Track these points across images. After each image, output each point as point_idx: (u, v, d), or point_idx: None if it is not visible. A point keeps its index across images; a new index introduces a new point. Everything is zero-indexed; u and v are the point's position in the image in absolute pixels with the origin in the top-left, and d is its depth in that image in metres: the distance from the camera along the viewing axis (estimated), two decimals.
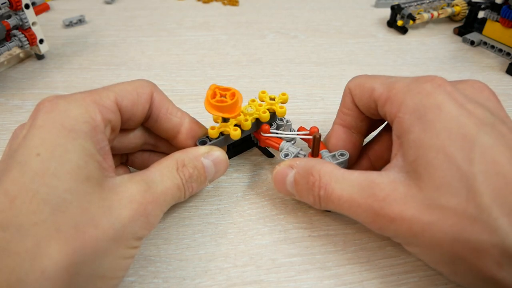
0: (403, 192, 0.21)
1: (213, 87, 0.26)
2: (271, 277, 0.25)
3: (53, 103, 0.21)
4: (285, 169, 0.26)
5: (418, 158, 0.21)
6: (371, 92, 0.25)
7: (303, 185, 0.25)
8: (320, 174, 0.24)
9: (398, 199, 0.21)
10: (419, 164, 0.21)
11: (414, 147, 0.21)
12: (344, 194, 0.23)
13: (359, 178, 0.23)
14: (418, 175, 0.21)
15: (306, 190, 0.25)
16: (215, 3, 0.65)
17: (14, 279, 0.16)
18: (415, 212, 0.20)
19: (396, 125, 0.23)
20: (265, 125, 0.29)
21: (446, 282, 0.25)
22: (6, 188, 0.18)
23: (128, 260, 0.21)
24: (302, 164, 0.25)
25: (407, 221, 0.20)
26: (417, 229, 0.20)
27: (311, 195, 0.24)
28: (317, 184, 0.24)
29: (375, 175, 0.23)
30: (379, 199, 0.21)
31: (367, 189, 0.22)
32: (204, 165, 0.25)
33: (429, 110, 0.21)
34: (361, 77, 0.27)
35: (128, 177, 0.22)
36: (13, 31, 0.43)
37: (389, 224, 0.21)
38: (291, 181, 0.26)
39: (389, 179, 0.22)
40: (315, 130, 0.30)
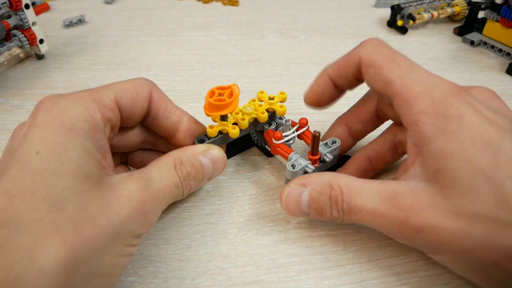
0: (427, 201, 0.21)
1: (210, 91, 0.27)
2: (271, 277, 0.25)
3: (53, 102, 0.21)
4: (297, 189, 0.24)
5: (442, 168, 0.21)
6: (387, 83, 0.24)
7: (324, 201, 0.24)
8: (340, 186, 0.23)
9: (424, 208, 0.21)
10: (443, 173, 0.21)
11: (436, 157, 0.21)
12: (366, 205, 0.22)
13: (379, 188, 0.22)
14: (441, 184, 0.21)
15: (327, 206, 0.24)
16: (215, 3, 0.65)
17: (12, 276, 0.16)
18: (442, 220, 0.20)
19: (415, 133, 0.22)
20: (277, 132, 0.29)
21: (446, 282, 0.25)
22: (6, 186, 0.18)
23: (126, 258, 0.21)
24: (315, 180, 0.24)
25: (435, 229, 0.20)
26: (446, 237, 0.20)
27: (335, 210, 0.23)
28: (340, 198, 0.23)
29: (395, 185, 0.22)
30: (404, 208, 0.21)
31: (389, 199, 0.22)
32: (202, 163, 0.25)
33: (450, 120, 0.21)
34: (378, 52, 0.25)
35: (127, 175, 0.22)
36: (13, 31, 0.43)
37: (416, 233, 0.21)
38: (307, 200, 0.24)
39: (411, 188, 0.22)
40: (305, 121, 0.30)
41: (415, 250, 0.27)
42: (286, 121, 0.30)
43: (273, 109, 0.30)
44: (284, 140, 0.29)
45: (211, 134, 0.28)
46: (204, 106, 0.27)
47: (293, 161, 0.27)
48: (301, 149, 0.33)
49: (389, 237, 0.27)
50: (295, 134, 0.30)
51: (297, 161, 0.27)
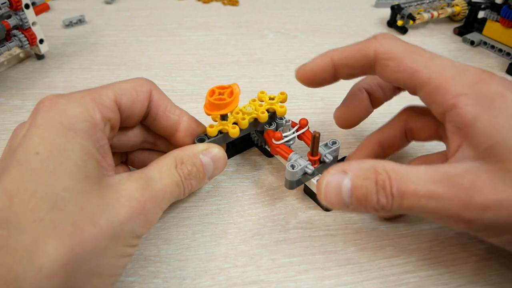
0: (488, 177, 0.20)
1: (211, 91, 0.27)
2: (271, 277, 0.25)
3: (53, 102, 0.21)
4: (337, 176, 0.22)
5: (495, 143, 0.20)
6: (412, 73, 0.23)
7: (369, 188, 0.21)
8: (386, 170, 0.21)
9: (487, 185, 0.20)
10: (498, 148, 0.20)
11: (487, 134, 0.20)
12: (419, 188, 0.20)
13: (428, 171, 0.21)
14: (498, 159, 0.20)
15: (373, 193, 0.21)
16: (215, 3, 0.65)
17: (11, 276, 0.16)
18: (511, 194, 0.19)
19: (456, 116, 0.22)
20: (277, 133, 0.29)
21: (446, 282, 0.25)
22: (6, 186, 0.18)
23: (126, 258, 0.21)
24: (357, 165, 0.22)
25: (505, 205, 0.19)
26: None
27: (383, 196, 0.21)
28: (388, 182, 0.21)
29: (446, 167, 0.21)
30: (465, 187, 0.20)
31: (445, 180, 0.20)
32: (203, 162, 0.25)
33: (493, 98, 0.21)
34: (394, 44, 0.24)
35: (127, 175, 0.22)
36: (13, 31, 0.43)
37: (482, 213, 0.20)
38: (348, 187, 0.21)
39: (465, 168, 0.21)
40: (305, 121, 0.30)
41: (415, 250, 0.27)
42: (286, 121, 0.30)
43: (274, 109, 0.30)
44: (284, 141, 0.29)
45: (211, 133, 0.28)
46: (204, 105, 0.27)
47: (293, 161, 0.27)
48: (301, 150, 0.33)
49: (389, 238, 0.27)
50: (295, 134, 0.30)
51: (297, 162, 0.27)
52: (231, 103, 0.27)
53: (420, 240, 0.27)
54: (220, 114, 0.28)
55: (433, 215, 0.21)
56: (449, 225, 0.22)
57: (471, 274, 0.25)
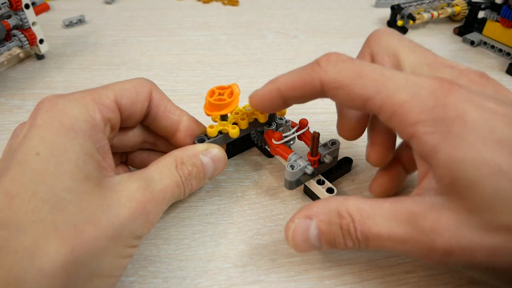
0: (451, 218, 0.19)
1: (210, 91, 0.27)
2: (271, 277, 0.25)
3: (53, 102, 0.21)
4: (303, 223, 0.22)
5: (457, 179, 0.18)
6: (364, 101, 0.21)
7: (335, 232, 0.21)
8: (349, 213, 0.21)
9: (449, 227, 0.18)
10: (461, 184, 0.18)
11: (448, 167, 0.19)
12: (382, 232, 0.20)
13: (392, 209, 0.20)
14: (461, 196, 0.18)
15: (340, 237, 0.21)
16: (215, 3, 0.65)
17: (12, 277, 0.16)
18: (473, 239, 0.18)
19: (417, 145, 0.20)
20: (277, 133, 0.29)
21: (446, 282, 0.25)
22: (6, 187, 0.18)
23: (126, 259, 0.21)
24: (321, 209, 0.22)
25: (468, 250, 0.18)
26: (482, 257, 0.18)
27: (349, 240, 0.21)
28: (351, 226, 0.20)
29: (409, 203, 0.20)
30: (426, 230, 0.19)
31: (407, 221, 0.19)
32: (203, 163, 0.25)
33: (452, 123, 0.19)
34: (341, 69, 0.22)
35: (127, 176, 0.22)
36: (13, 31, 0.43)
37: (446, 257, 0.19)
38: (315, 233, 0.22)
39: (428, 206, 0.19)
40: (305, 122, 0.30)
41: None
42: (286, 121, 0.30)
43: None
44: (283, 141, 0.29)
45: (211, 133, 0.28)
46: (204, 106, 0.27)
47: (292, 161, 0.27)
48: (301, 150, 0.33)
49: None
50: (295, 134, 0.30)
51: (297, 162, 0.27)
52: (231, 103, 0.27)
53: None
54: (220, 115, 0.28)
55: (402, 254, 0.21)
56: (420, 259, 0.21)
57: None
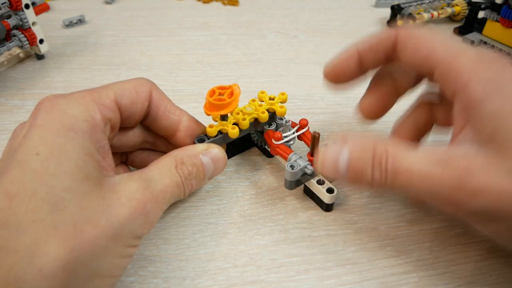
0: (484, 162, 0.19)
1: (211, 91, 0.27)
2: (271, 277, 0.25)
3: (53, 102, 0.21)
4: (336, 145, 0.22)
5: (499, 128, 0.20)
6: (430, 52, 0.23)
7: (366, 160, 0.21)
8: (385, 146, 0.21)
9: (481, 170, 0.19)
10: (501, 133, 0.19)
11: (492, 118, 0.20)
12: (414, 167, 0.20)
13: (428, 151, 0.21)
14: (499, 145, 0.19)
15: (369, 166, 0.21)
16: (215, 3, 0.65)
17: (12, 276, 0.16)
18: (503, 182, 0.19)
19: (465, 96, 0.21)
20: (277, 133, 0.29)
21: (446, 282, 0.25)
22: (6, 187, 0.18)
23: (126, 259, 0.21)
24: (358, 137, 0.22)
25: (494, 192, 0.19)
26: (507, 202, 0.19)
27: (377, 171, 0.21)
28: (384, 157, 0.21)
29: (445, 149, 0.21)
30: (458, 170, 0.19)
31: (441, 161, 0.20)
32: (203, 163, 0.25)
33: (506, 83, 0.20)
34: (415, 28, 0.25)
35: (127, 176, 0.22)
36: (13, 31, 0.43)
37: (472, 197, 0.19)
38: (346, 158, 0.22)
39: (463, 151, 0.20)
40: (305, 122, 0.30)
41: (415, 250, 0.27)
42: (286, 121, 0.30)
43: (274, 110, 0.30)
44: (283, 141, 0.29)
45: (210, 133, 0.28)
46: (204, 105, 0.27)
47: (292, 161, 0.27)
48: (301, 150, 0.33)
49: (389, 238, 0.27)
50: (295, 135, 0.30)
51: (297, 162, 0.27)
52: (231, 103, 0.27)
53: (420, 240, 0.27)
54: (220, 115, 0.28)
55: (425, 195, 0.21)
56: (440, 206, 0.21)
57: (471, 274, 0.25)
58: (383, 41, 0.26)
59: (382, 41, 0.26)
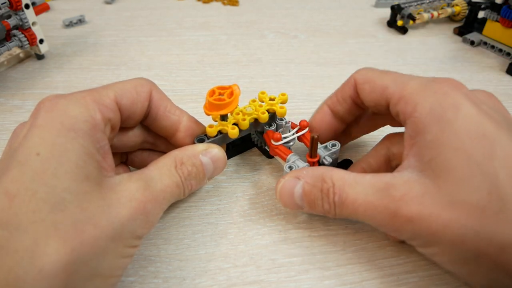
0: (420, 191, 0.21)
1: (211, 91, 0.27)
2: (271, 277, 0.25)
3: (53, 102, 0.21)
4: (291, 181, 0.25)
5: (435, 157, 0.21)
6: (383, 90, 0.25)
7: (315, 194, 0.24)
8: (332, 179, 0.23)
9: (415, 198, 0.21)
10: (437, 163, 0.21)
11: (431, 147, 0.21)
12: (358, 198, 0.22)
13: (372, 180, 0.22)
14: (435, 174, 0.21)
15: (319, 199, 0.24)
16: (215, 3, 0.65)
17: (12, 277, 0.16)
18: (434, 210, 0.20)
19: (411, 125, 0.23)
20: (277, 134, 0.29)
21: (447, 282, 0.25)
22: (6, 187, 0.18)
23: (127, 259, 0.21)
24: (309, 173, 0.25)
25: (425, 219, 0.20)
26: (437, 227, 0.20)
27: (326, 203, 0.23)
28: (331, 190, 0.23)
29: (389, 177, 0.22)
30: (396, 199, 0.21)
31: (382, 190, 0.22)
32: (203, 163, 0.25)
33: (446, 109, 0.21)
34: (370, 71, 0.27)
35: (127, 176, 0.22)
36: (13, 31, 0.43)
37: (406, 224, 0.21)
38: (300, 192, 0.25)
39: (403, 179, 0.22)
40: (305, 123, 0.30)
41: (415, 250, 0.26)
42: (286, 122, 0.30)
43: (274, 110, 0.30)
44: (283, 142, 0.29)
45: (210, 133, 0.28)
46: (204, 106, 0.27)
47: (291, 163, 0.27)
48: (301, 151, 0.33)
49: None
50: (295, 136, 0.30)
51: (295, 163, 0.27)
52: (231, 103, 0.27)
53: None
54: (220, 115, 0.28)
55: (369, 222, 0.23)
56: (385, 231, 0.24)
57: None
58: (346, 90, 0.28)
59: (345, 91, 0.28)
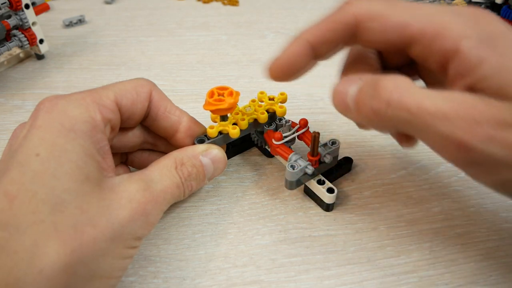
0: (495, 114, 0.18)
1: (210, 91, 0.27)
2: (271, 277, 0.25)
3: (53, 103, 0.21)
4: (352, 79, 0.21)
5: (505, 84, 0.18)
6: (402, 28, 0.21)
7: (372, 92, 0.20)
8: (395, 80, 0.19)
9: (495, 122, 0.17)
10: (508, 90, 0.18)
11: (496, 74, 0.19)
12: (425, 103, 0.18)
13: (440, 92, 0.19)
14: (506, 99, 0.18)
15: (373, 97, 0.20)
16: (215, 3, 0.65)
17: (12, 278, 0.16)
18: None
19: (459, 62, 0.20)
20: (277, 133, 0.29)
21: (447, 282, 0.25)
22: (6, 188, 0.18)
23: (126, 260, 0.21)
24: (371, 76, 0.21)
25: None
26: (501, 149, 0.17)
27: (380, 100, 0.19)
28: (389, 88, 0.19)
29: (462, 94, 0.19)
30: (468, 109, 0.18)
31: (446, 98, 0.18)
32: (203, 163, 0.25)
33: (497, 38, 0.19)
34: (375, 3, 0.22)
35: (127, 177, 0.22)
36: (13, 31, 0.43)
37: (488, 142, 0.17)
38: (354, 91, 0.21)
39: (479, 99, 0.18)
40: (305, 121, 0.30)
41: (415, 250, 0.27)
42: (286, 121, 0.30)
43: (273, 110, 0.30)
44: (283, 141, 0.29)
45: (211, 134, 0.28)
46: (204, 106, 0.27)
47: (293, 162, 0.27)
48: (301, 150, 0.33)
49: (389, 238, 0.27)
50: (295, 135, 0.30)
51: (297, 162, 0.27)
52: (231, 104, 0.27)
53: (420, 240, 0.27)
54: (220, 115, 0.28)
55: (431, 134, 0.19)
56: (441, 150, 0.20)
57: (471, 274, 0.25)
58: (337, 28, 0.23)
59: (336, 28, 0.23)
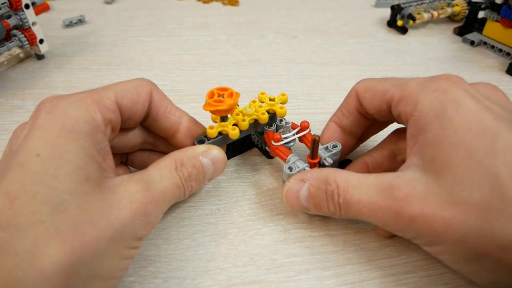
0: (422, 190, 0.21)
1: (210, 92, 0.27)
2: (271, 277, 0.25)
3: (54, 103, 0.21)
4: (296, 184, 0.25)
5: (437, 156, 0.21)
6: (383, 94, 0.25)
7: (321, 196, 0.24)
8: (336, 182, 0.24)
9: (418, 198, 0.21)
10: (438, 161, 0.21)
11: (432, 145, 0.21)
12: (363, 199, 0.22)
13: (376, 180, 0.23)
14: (437, 173, 0.21)
15: (324, 201, 0.24)
16: (215, 3, 0.65)
17: (12, 278, 0.16)
18: (436, 209, 0.20)
19: (412, 124, 0.23)
20: (277, 134, 0.29)
21: (446, 282, 0.25)
22: (6, 188, 0.18)
23: (127, 260, 0.21)
24: (314, 175, 0.25)
25: (428, 218, 0.20)
26: (439, 226, 0.20)
27: (331, 205, 0.24)
28: (336, 192, 0.23)
29: (392, 176, 0.22)
30: (399, 199, 0.21)
31: (385, 190, 0.22)
32: (203, 164, 0.25)
33: (446, 106, 0.21)
34: (370, 80, 0.27)
35: (128, 177, 0.22)
36: (13, 31, 0.43)
37: (410, 224, 0.21)
38: (305, 195, 0.25)
39: (406, 179, 0.22)
40: (306, 124, 0.30)
41: (415, 250, 0.27)
42: (287, 123, 0.30)
43: (274, 111, 0.30)
44: (283, 142, 0.29)
45: (211, 135, 0.28)
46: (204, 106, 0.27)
47: (291, 163, 0.27)
48: (302, 152, 0.33)
49: (389, 237, 0.27)
50: (295, 136, 0.30)
51: (295, 164, 0.27)
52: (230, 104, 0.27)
53: None
54: (220, 116, 0.28)
55: (375, 222, 0.23)
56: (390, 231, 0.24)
57: None
58: (349, 102, 0.28)
59: (349, 103, 0.28)
